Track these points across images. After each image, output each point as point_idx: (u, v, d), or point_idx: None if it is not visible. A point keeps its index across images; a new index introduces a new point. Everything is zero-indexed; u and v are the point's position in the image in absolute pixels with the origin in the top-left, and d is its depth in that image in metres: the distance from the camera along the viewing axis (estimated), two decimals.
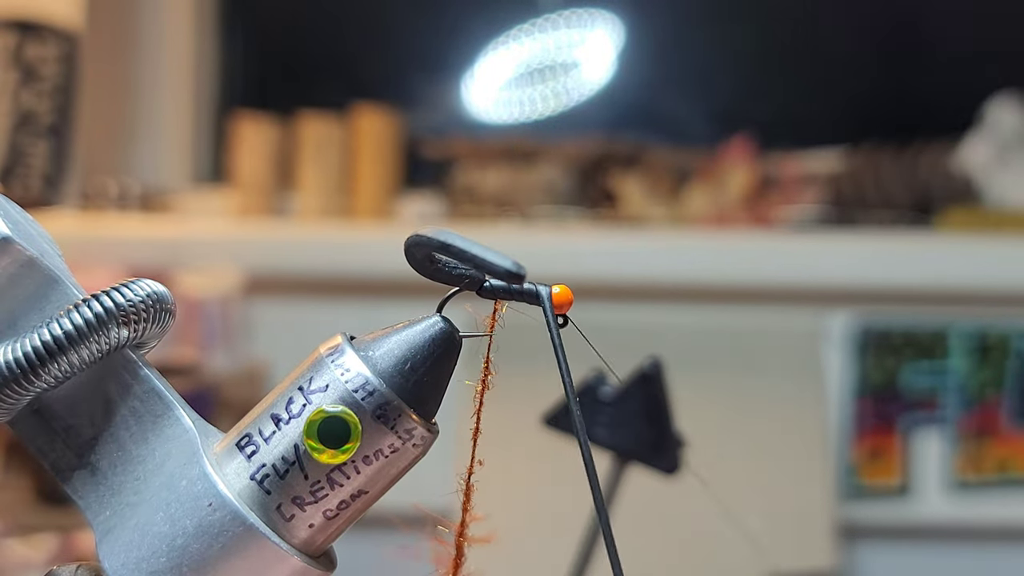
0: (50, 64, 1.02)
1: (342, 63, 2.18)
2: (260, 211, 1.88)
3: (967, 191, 1.85)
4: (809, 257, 1.73)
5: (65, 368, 0.41)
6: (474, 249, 0.41)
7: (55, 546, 1.27)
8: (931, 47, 2.14)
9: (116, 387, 0.43)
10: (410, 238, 0.43)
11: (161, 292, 0.43)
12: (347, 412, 0.42)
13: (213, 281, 1.69)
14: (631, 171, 1.88)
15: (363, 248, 1.75)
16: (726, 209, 1.84)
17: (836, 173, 1.89)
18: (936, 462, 1.75)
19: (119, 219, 1.85)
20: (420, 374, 0.43)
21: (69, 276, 0.44)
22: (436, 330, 0.43)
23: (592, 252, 1.75)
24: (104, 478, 0.43)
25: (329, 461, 0.42)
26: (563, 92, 2.09)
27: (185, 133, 2.09)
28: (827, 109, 2.16)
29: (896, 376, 1.75)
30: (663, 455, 0.80)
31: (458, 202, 1.88)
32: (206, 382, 1.58)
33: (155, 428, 0.43)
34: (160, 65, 2.07)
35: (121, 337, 0.42)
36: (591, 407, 0.80)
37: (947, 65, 2.12)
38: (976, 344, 1.74)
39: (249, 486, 0.42)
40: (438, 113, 2.14)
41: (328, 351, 0.43)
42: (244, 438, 0.43)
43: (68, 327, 0.41)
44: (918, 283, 1.72)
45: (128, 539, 0.42)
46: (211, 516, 0.41)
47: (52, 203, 1.01)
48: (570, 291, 0.43)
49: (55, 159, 1.01)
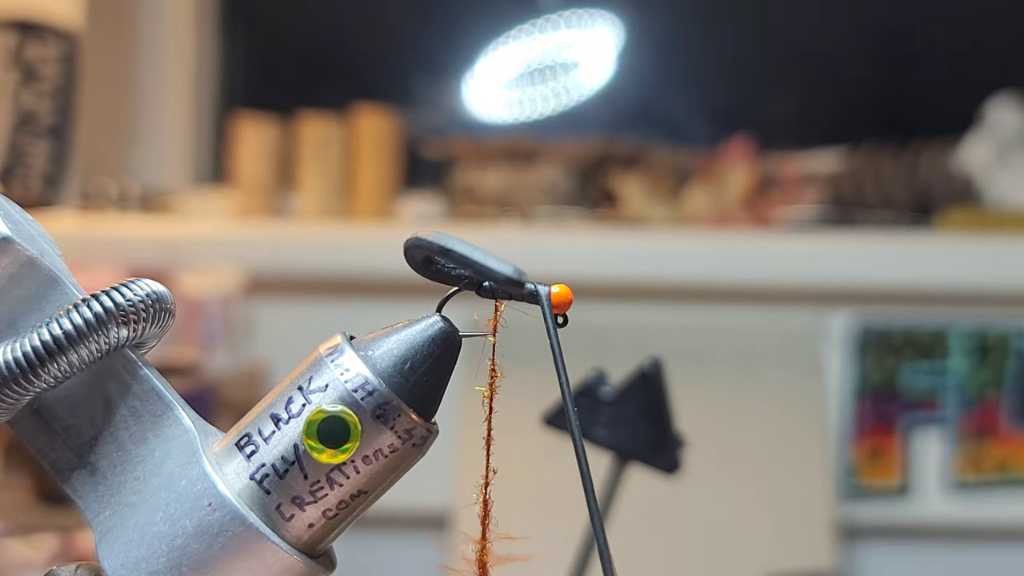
0: (50, 64, 1.02)
1: (342, 63, 2.18)
2: (260, 211, 1.88)
3: (967, 191, 1.85)
4: (809, 257, 1.73)
5: (65, 368, 0.41)
6: (475, 255, 0.41)
7: (55, 546, 1.27)
8: (931, 46, 2.14)
9: (116, 387, 0.43)
10: (409, 240, 0.43)
11: (161, 292, 0.43)
12: (347, 412, 0.42)
13: (213, 281, 1.69)
14: (631, 171, 1.88)
15: (363, 248, 1.75)
16: (726, 209, 1.83)
17: (836, 173, 1.89)
18: (936, 462, 1.75)
19: (119, 219, 1.85)
20: (420, 374, 0.42)
21: (69, 276, 0.44)
22: (436, 330, 0.43)
23: (592, 252, 1.75)
24: (104, 478, 0.43)
25: (329, 461, 0.42)
26: (563, 92, 2.09)
27: (185, 133, 2.09)
28: (827, 109, 2.16)
29: (896, 376, 1.75)
30: (663, 455, 0.80)
31: (458, 202, 1.88)
32: (206, 382, 1.59)
33: (155, 428, 0.43)
34: (160, 65, 2.07)
35: (121, 337, 0.42)
36: (591, 407, 0.80)
37: (947, 64, 2.12)
38: (976, 344, 1.74)
39: (249, 486, 0.42)
40: (438, 113, 2.14)
41: (328, 351, 0.43)
42: (244, 438, 0.43)
43: (68, 327, 0.41)
44: (918, 283, 1.72)
45: (128, 539, 0.42)
46: (211, 516, 0.41)
47: (52, 203, 1.01)
48: (570, 291, 0.43)
49: (55, 159, 1.01)
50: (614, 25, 2.11)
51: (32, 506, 1.40)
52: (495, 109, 2.11)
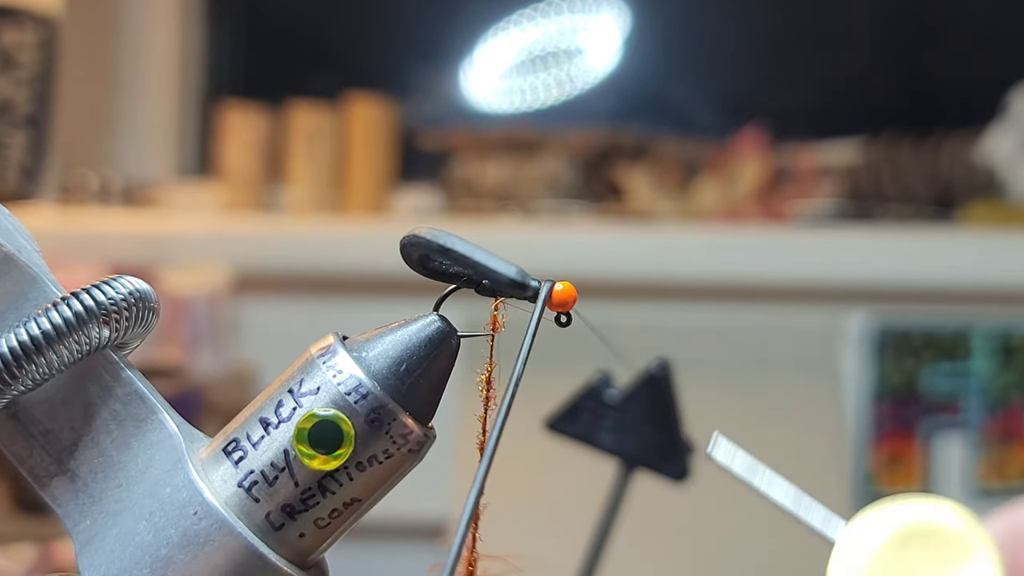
0: (28, 50, 1.02)
1: (335, 49, 2.18)
2: (248, 205, 1.88)
3: (990, 184, 1.85)
4: (825, 253, 1.73)
5: (43, 369, 0.41)
6: (476, 255, 0.41)
7: (33, 557, 1.28)
8: (953, 33, 2.14)
9: (97, 390, 0.43)
10: (406, 238, 0.43)
11: (144, 290, 0.43)
12: (339, 416, 0.42)
13: (199, 279, 1.69)
14: (638, 163, 1.88)
15: (356, 244, 1.75)
16: (737, 203, 1.84)
17: (853, 165, 1.89)
18: (958, 469, 1.75)
19: (100, 213, 1.85)
20: (416, 376, 0.42)
21: (48, 273, 0.44)
22: (433, 329, 0.43)
23: (597, 248, 1.75)
24: (84, 485, 0.43)
25: (320, 467, 0.42)
26: (567, 80, 2.09)
27: (170, 123, 2.09)
28: (844, 98, 2.16)
29: (916, 378, 1.75)
30: (671, 461, 0.80)
31: (456, 196, 1.88)
32: (192, 384, 1.59)
33: (138, 433, 0.43)
34: (144, 51, 2.07)
35: (102, 337, 0.42)
36: (595, 410, 0.80)
37: (970, 52, 2.12)
38: (1000, 345, 1.74)
39: (236, 494, 0.42)
40: (435, 102, 2.14)
41: (319, 352, 0.43)
42: (231, 443, 0.43)
43: (46, 326, 0.41)
44: (939, 281, 1.72)
45: (110, 549, 0.42)
46: (196, 525, 0.41)
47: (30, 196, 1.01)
48: (574, 288, 0.43)
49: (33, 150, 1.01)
50: (620, 9, 2.11)
51: (9, 515, 1.40)
52: (495, 98, 2.11)
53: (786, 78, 2.17)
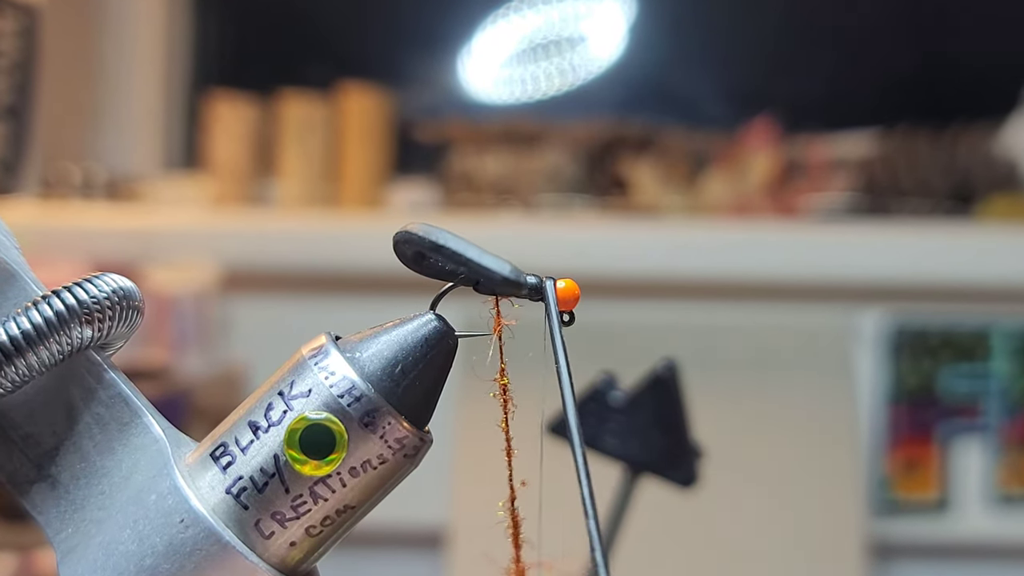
0: (8, 39, 1.02)
1: (327, 37, 2.18)
2: (237, 200, 1.88)
3: (1010, 177, 1.85)
4: (838, 250, 1.73)
5: (23, 371, 0.41)
6: (469, 252, 0.41)
7: (13, 566, 1.28)
8: (971, 21, 2.14)
9: (79, 392, 0.43)
10: (398, 234, 0.43)
11: (128, 288, 0.43)
12: (332, 419, 0.42)
13: (186, 276, 1.69)
14: (644, 156, 1.88)
15: (350, 240, 1.75)
16: (747, 198, 1.84)
17: (868, 158, 1.89)
18: (977, 474, 1.75)
19: (83, 208, 1.85)
20: (412, 378, 0.42)
21: (28, 271, 0.44)
22: (429, 329, 0.43)
23: (601, 244, 1.75)
24: (66, 492, 0.43)
25: (312, 473, 0.42)
26: (569, 69, 2.09)
27: (155, 114, 2.09)
28: (858, 88, 2.16)
29: (933, 380, 1.75)
30: (679, 466, 0.80)
31: (454, 190, 1.88)
32: (178, 387, 1.59)
33: (121, 437, 0.43)
34: (128, 39, 2.07)
35: (84, 337, 0.42)
36: (600, 414, 0.80)
37: (989, 41, 2.12)
38: (1020, 345, 1.74)
39: (225, 500, 0.42)
40: (433, 92, 2.14)
41: (311, 352, 0.43)
42: (219, 448, 0.43)
43: (26, 326, 0.41)
44: (957, 278, 1.72)
45: (93, 558, 0.42)
46: (183, 533, 0.41)
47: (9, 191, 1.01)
48: (577, 286, 0.43)
49: (13, 142, 1.00)
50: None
51: None
52: (495, 88, 2.11)
53: (798, 67, 2.17)
